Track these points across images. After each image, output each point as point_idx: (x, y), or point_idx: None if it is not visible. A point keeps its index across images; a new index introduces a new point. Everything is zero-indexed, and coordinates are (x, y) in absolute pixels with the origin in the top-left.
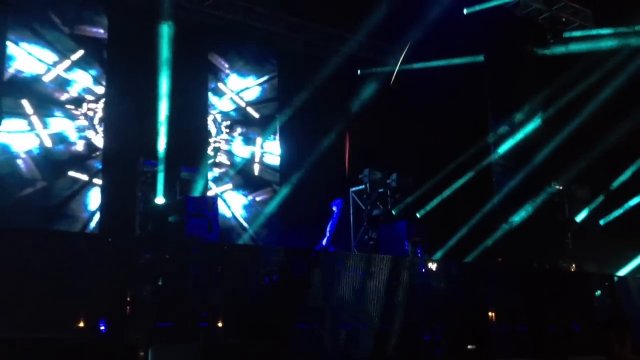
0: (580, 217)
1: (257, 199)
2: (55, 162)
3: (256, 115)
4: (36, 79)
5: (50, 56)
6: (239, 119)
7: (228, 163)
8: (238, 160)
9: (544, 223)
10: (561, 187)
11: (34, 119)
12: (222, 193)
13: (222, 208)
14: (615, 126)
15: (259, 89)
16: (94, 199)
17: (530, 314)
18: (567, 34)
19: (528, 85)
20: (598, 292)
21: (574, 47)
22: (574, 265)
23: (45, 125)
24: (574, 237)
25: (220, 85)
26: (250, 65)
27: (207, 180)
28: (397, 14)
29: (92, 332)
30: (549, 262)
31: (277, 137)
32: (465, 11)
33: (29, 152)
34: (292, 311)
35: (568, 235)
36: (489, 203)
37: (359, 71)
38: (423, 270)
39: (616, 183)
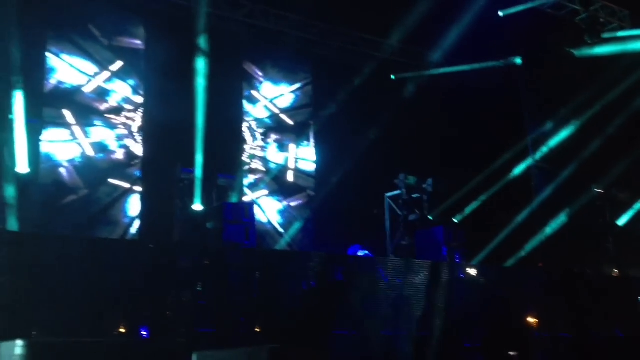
0: (621, 221)
1: (292, 204)
2: (96, 170)
3: (290, 122)
4: (77, 89)
5: (90, 67)
6: (274, 126)
7: (263, 169)
8: (273, 166)
9: (584, 227)
10: (602, 191)
11: (76, 128)
12: (257, 199)
13: (257, 214)
14: None
15: (292, 96)
16: (134, 205)
17: (572, 320)
18: (605, 35)
19: (566, 87)
20: None
21: (612, 48)
22: (616, 270)
23: (86, 135)
24: (616, 241)
25: (254, 92)
26: (284, 72)
27: (242, 186)
28: (431, 17)
29: (134, 337)
30: (591, 267)
31: (312, 143)
32: (500, 14)
33: (71, 161)
34: (330, 317)
35: (610, 240)
36: (528, 207)
37: (392, 76)
38: (462, 275)
39: None
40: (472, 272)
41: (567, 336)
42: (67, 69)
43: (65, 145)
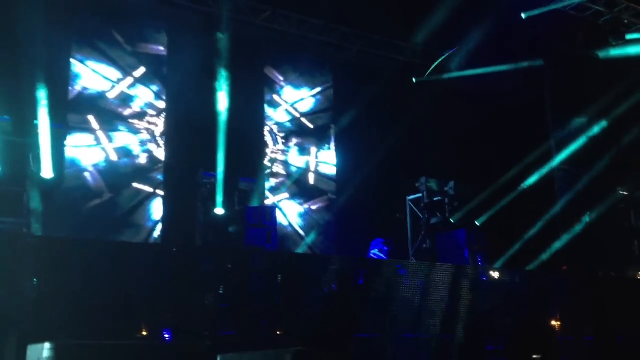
0: None
1: (313, 207)
2: (120, 174)
3: (311, 125)
4: (101, 95)
5: (114, 73)
6: (294, 130)
7: (284, 173)
8: (294, 170)
9: (609, 230)
10: (626, 193)
11: (100, 133)
12: (278, 202)
13: (278, 217)
14: None
15: (312, 100)
16: (156, 208)
17: (597, 323)
18: (629, 36)
19: (589, 88)
20: None
21: (636, 50)
22: None
23: (110, 140)
24: None
25: (275, 96)
26: (304, 77)
27: (264, 190)
28: (452, 19)
29: (156, 340)
30: (615, 270)
31: (333, 146)
32: (523, 15)
33: (95, 165)
34: (352, 320)
35: (634, 242)
36: (552, 210)
37: (413, 79)
38: (484, 278)
39: None
40: (495, 275)
41: (591, 339)
42: (91, 75)
43: (89, 150)
